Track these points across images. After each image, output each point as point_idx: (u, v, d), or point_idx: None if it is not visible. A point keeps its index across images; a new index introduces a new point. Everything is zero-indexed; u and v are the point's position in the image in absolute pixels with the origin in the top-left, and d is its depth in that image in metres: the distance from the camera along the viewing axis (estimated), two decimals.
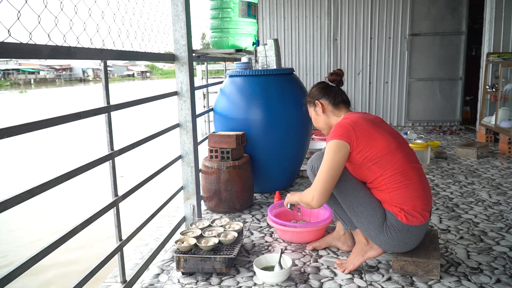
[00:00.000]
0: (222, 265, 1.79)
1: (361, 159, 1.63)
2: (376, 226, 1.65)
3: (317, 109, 1.86)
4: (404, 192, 1.61)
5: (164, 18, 2.13)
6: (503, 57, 4.30)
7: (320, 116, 1.86)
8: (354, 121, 1.67)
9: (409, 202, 1.61)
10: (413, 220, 1.62)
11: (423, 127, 5.70)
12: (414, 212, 1.62)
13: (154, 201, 2.20)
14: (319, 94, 1.84)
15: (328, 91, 1.83)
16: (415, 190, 1.62)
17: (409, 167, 1.63)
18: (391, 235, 1.64)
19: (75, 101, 19.75)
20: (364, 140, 1.63)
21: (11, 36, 1.02)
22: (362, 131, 1.64)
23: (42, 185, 1.14)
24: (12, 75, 46.56)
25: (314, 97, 1.86)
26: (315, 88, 1.89)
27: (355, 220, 1.72)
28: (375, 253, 1.77)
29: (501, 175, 3.22)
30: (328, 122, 1.85)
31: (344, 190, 1.70)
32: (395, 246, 1.68)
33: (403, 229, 1.63)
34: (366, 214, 1.67)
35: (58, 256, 3.11)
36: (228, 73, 2.91)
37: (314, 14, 5.63)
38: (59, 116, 1.23)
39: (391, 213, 1.64)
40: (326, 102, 1.83)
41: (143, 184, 1.81)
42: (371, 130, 1.65)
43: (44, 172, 6.29)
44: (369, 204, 1.67)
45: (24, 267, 1.06)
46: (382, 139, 1.64)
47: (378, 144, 1.63)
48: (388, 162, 1.61)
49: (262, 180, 2.90)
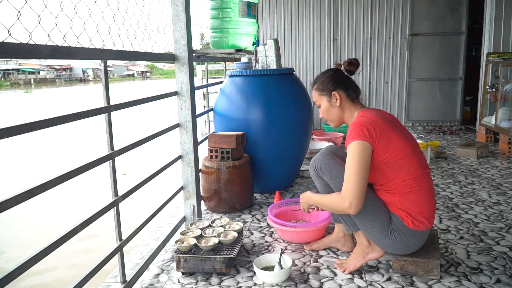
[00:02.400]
0: (222, 265, 1.79)
1: (376, 161, 1.57)
2: (381, 230, 1.63)
3: (332, 100, 1.71)
4: (414, 197, 1.58)
5: (164, 18, 2.13)
6: (503, 57, 4.29)
7: (335, 108, 1.72)
8: (374, 121, 1.58)
9: (418, 207, 1.59)
10: (419, 226, 1.60)
11: (423, 127, 5.70)
12: (421, 218, 1.59)
13: (154, 201, 2.20)
14: (336, 84, 1.70)
15: (346, 82, 1.71)
16: (425, 196, 1.59)
17: (422, 173, 1.59)
18: (395, 239, 1.62)
19: (75, 101, 19.77)
20: (382, 142, 1.55)
21: (11, 36, 1.02)
22: (382, 132, 1.56)
23: (42, 185, 1.14)
24: (12, 75, 46.56)
25: (329, 87, 1.71)
26: (330, 76, 1.73)
27: (359, 223, 1.68)
28: (377, 255, 1.76)
29: (501, 175, 3.22)
30: (341, 116, 1.73)
31: None
32: (398, 249, 1.67)
33: (408, 234, 1.61)
34: (371, 218, 1.63)
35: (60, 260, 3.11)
36: (228, 73, 2.91)
37: (314, 14, 5.63)
38: (59, 116, 1.23)
39: (397, 217, 1.61)
40: (343, 95, 1.70)
41: (143, 184, 1.81)
42: (389, 132, 1.57)
43: (44, 172, 6.29)
44: (374, 207, 1.63)
45: (24, 267, 1.06)
46: (399, 142, 1.57)
47: (395, 148, 1.56)
48: (403, 167, 1.56)
49: (262, 180, 2.90)
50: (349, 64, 1.74)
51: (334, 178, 1.72)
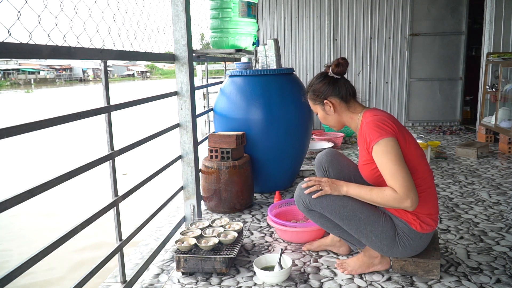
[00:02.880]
0: (222, 265, 1.79)
1: None
2: (389, 241, 1.60)
3: (326, 108, 1.67)
4: (423, 198, 1.54)
5: (164, 18, 2.13)
6: (503, 57, 4.29)
7: (331, 115, 1.68)
8: (390, 118, 1.54)
9: (425, 209, 1.56)
10: (427, 228, 1.58)
11: (423, 127, 5.70)
12: (428, 219, 1.58)
13: (154, 201, 2.20)
14: (326, 91, 1.65)
15: (337, 87, 1.65)
16: (432, 198, 1.58)
17: (429, 174, 1.58)
18: (404, 245, 1.60)
19: (75, 101, 19.78)
20: (400, 138, 1.51)
21: (11, 36, 1.02)
22: (400, 133, 1.52)
23: (42, 185, 1.14)
24: (12, 75, 46.56)
25: (320, 95, 1.66)
26: (319, 84, 1.68)
27: (365, 240, 1.65)
28: (383, 268, 1.75)
29: (501, 175, 3.22)
30: (340, 120, 1.69)
31: (346, 216, 1.60)
32: (407, 254, 1.65)
33: (416, 237, 1.59)
34: (376, 233, 1.60)
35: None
36: (228, 73, 2.91)
37: (314, 14, 5.63)
38: (59, 116, 1.23)
39: (403, 222, 1.58)
40: (336, 100, 1.65)
41: (143, 184, 1.81)
42: (404, 133, 1.54)
43: (44, 172, 6.29)
44: (376, 222, 1.59)
45: (24, 267, 1.06)
46: (413, 144, 1.54)
47: (411, 149, 1.53)
48: (415, 168, 1.52)
49: (262, 180, 2.90)
50: (336, 66, 1.65)
51: (328, 207, 1.63)
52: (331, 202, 1.62)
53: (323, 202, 1.63)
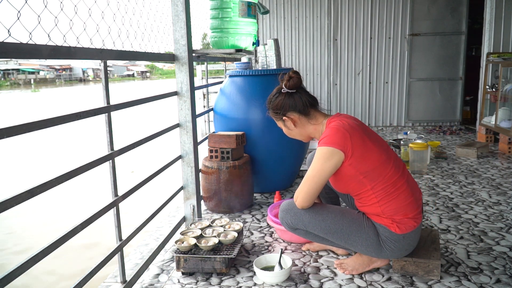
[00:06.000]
0: (222, 265, 1.79)
1: (352, 171, 1.53)
2: (374, 246, 1.63)
3: (287, 124, 1.69)
4: (395, 203, 1.55)
5: (164, 18, 2.13)
6: (503, 57, 4.29)
7: (294, 130, 1.70)
8: (352, 128, 1.54)
9: (401, 211, 1.57)
10: (406, 228, 1.58)
11: (423, 127, 5.70)
12: (405, 220, 1.58)
13: (154, 201, 2.20)
14: (283, 108, 1.65)
15: (293, 101, 1.64)
16: (405, 198, 1.57)
17: (398, 176, 1.57)
18: (390, 248, 1.61)
19: (75, 101, 19.80)
20: (359, 151, 1.51)
21: (11, 36, 1.02)
22: (358, 141, 1.52)
23: (42, 185, 1.14)
24: (12, 75, 46.56)
25: (279, 112, 1.67)
26: (276, 100, 1.68)
27: (353, 248, 1.70)
28: (383, 264, 1.77)
29: (501, 175, 3.22)
30: (304, 133, 1.71)
31: (329, 230, 1.65)
32: (398, 254, 1.66)
33: (399, 239, 1.59)
34: (360, 241, 1.63)
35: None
36: (228, 73, 2.91)
37: (314, 14, 5.63)
38: (59, 116, 1.23)
39: (383, 226, 1.59)
40: (295, 115, 1.66)
41: (143, 184, 1.81)
42: (366, 140, 1.54)
43: (44, 172, 6.29)
44: (358, 230, 1.62)
45: (24, 267, 1.06)
46: (375, 150, 1.54)
47: (371, 156, 1.53)
48: (380, 175, 1.54)
49: (262, 180, 2.90)
50: (288, 80, 1.65)
51: (309, 224, 1.69)
52: (311, 219, 1.68)
53: (304, 220, 1.69)
